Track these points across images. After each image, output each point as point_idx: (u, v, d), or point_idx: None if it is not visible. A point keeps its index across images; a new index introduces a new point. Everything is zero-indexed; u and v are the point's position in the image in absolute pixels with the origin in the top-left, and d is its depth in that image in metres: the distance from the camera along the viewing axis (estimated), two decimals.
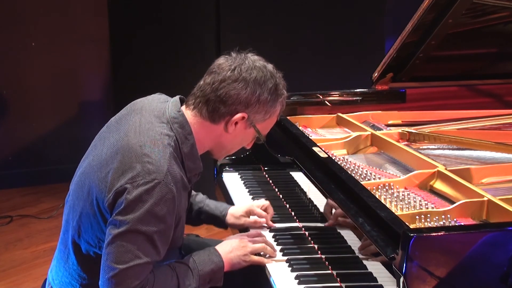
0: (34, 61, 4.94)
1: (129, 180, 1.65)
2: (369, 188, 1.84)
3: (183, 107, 1.83)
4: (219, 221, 2.16)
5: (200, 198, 2.18)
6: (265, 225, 2.13)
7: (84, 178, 1.81)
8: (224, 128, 1.80)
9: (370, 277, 1.72)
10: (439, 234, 1.44)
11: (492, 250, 1.44)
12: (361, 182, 1.88)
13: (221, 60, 1.81)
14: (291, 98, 2.74)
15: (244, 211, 2.14)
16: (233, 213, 2.15)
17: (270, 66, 1.82)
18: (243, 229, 2.15)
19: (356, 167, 2.14)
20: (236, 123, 1.79)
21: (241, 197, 2.37)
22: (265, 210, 2.15)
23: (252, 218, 2.14)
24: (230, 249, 1.86)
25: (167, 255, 1.78)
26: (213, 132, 1.81)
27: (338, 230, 2.02)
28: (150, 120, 1.77)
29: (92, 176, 1.76)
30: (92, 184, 1.75)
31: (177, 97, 1.87)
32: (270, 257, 1.90)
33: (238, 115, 1.77)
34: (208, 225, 2.21)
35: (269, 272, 1.81)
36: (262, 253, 1.90)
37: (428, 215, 1.72)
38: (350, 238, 1.87)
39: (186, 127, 1.77)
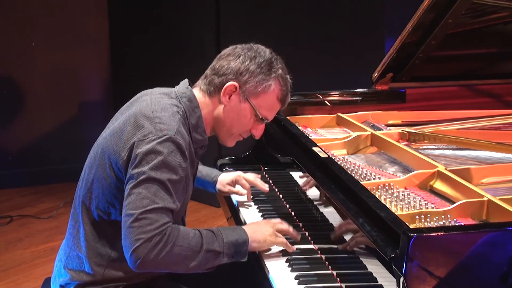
0: (34, 61, 4.94)
1: (142, 137, 1.76)
2: (369, 188, 1.84)
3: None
4: (209, 186, 2.31)
5: None
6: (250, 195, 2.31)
7: (97, 149, 1.90)
8: (218, 100, 1.91)
9: (370, 277, 1.72)
10: (439, 234, 1.43)
11: (492, 250, 1.44)
12: (361, 182, 1.88)
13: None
14: (291, 98, 2.73)
15: (231, 180, 2.30)
16: (221, 180, 2.30)
17: (268, 50, 1.95)
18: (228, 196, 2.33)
19: (356, 167, 2.14)
20: (230, 95, 1.89)
21: (241, 197, 2.36)
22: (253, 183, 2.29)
23: (238, 187, 2.30)
24: (255, 229, 1.90)
25: None
26: (211, 105, 1.92)
27: None
28: (160, 96, 1.90)
29: (106, 143, 1.86)
30: (105, 149, 1.85)
31: (186, 79, 1.99)
32: (293, 243, 1.92)
33: (229, 84, 1.88)
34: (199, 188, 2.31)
35: (269, 271, 1.81)
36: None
37: (428, 215, 1.72)
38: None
39: (194, 101, 1.90)
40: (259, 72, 1.88)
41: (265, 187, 2.28)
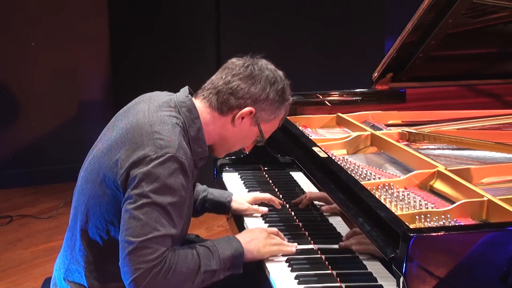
0: (34, 61, 4.94)
1: (142, 156, 1.69)
2: (369, 188, 1.84)
3: (192, 98, 1.89)
4: (223, 207, 2.22)
5: (202, 187, 2.24)
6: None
7: (93, 162, 1.84)
8: (231, 121, 1.86)
9: (370, 277, 1.72)
10: (439, 234, 1.44)
11: (492, 250, 1.44)
12: (361, 182, 1.88)
13: (235, 59, 1.90)
14: (291, 98, 2.74)
15: (248, 198, 2.23)
16: (237, 199, 2.22)
17: (280, 72, 1.91)
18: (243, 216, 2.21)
19: (356, 167, 2.14)
20: (243, 118, 1.85)
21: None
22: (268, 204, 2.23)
23: (255, 206, 2.22)
24: (249, 238, 1.87)
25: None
26: (220, 124, 1.87)
27: (338, 230, 2.02)
28: (159, 104, 1.83)
29: (102, 159, 1.80)
30: (102, 166, 1.79)
31: (186, 86, 1.93)
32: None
33: (246, 109, 1.84)
34: (211, 213, 2.27)
35: (269, 272, 1.81)
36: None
37: (428, 215, 1.72)
38: None
39: (194, 111, 1.83)
40: (276, 101, 1.86)
41: (279, 205, 2.25)
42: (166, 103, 1.84)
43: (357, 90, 2.87)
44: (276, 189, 2.42)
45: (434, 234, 1.43)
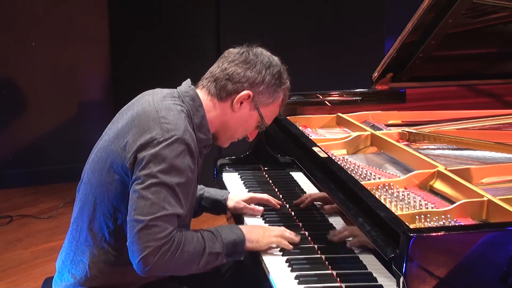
0: (34, 61, 4.94)
1: (149, 139, 1.73)
2: (369, 188, 1.84)
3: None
4: (220, 206, 2.24)
5: (199, 187, 2.25)
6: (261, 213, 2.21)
7: (100, 152, 1.87)
8: (230, 106, 1.89)
9: (370, 277, 1.72)
10: (439, 234, 1.43)
11: (492, 250, 1.44)
12: (361, 182, 1.88)
13: (231, 49, 1.95)
14: (291, 98, 2.74)
15: (245, 197, 2.24)
16: (233, 197, 2.24)
17: (276, 57, 1.95)
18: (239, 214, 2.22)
19: (356, 167, 2.14)
20: (241, 102, 1.88)
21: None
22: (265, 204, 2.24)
23: (252, 205, 2.22)
24: (251, 229, 1.91)
25: None
26: (220, 110, 1.90)
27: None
28: (163, 96, 1.88)
29: (109, 147, 1.83)
30: (109, 153, 1.82)
31: (188, 79, 1.97)
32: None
33: (244, 93, 1.87)
34: (207, 213, 2.27)
35: (269, 271, 1.81)
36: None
37: (428, 215, 1.72)
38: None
39: (197, 100, 1.88)
40: (273, 84, 1.90)
41: (278, 204, 2.26)
42: (169, 94, 1.89)
43: (357, 90, 2.87)
44: (276, 189, 2.42)
45: (434, 234, 1.43)
